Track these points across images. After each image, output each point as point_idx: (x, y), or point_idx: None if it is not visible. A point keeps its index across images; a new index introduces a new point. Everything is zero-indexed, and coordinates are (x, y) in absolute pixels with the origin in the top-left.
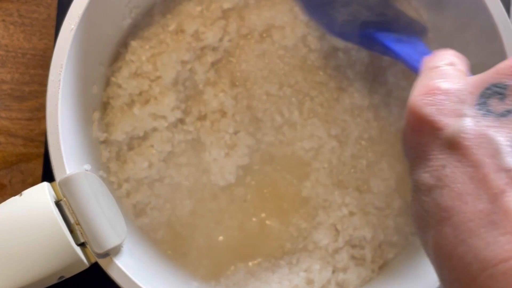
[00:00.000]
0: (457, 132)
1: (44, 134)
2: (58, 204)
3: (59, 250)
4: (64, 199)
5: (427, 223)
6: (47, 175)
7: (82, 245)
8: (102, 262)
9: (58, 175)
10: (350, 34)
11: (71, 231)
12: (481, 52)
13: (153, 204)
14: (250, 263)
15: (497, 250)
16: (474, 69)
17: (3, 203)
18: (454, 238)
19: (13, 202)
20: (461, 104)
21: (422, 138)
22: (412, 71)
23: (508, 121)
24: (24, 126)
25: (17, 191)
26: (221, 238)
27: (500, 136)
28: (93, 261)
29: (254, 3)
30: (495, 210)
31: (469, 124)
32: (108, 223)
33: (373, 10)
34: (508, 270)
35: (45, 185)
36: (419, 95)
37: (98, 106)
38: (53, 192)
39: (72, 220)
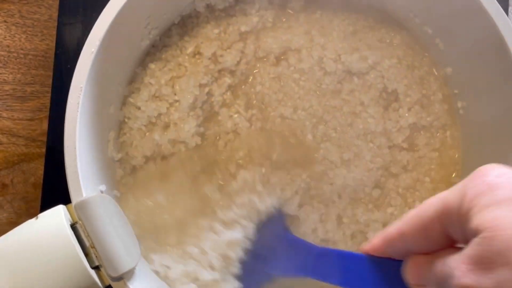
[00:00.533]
0: None
1: (45, 134)
2: (73, 227)
3: (74, 273)
4: (80, 222)
5: None
6: (48, 175)
7: (96, 268)
8: (115, 286)
9: (74, 198)
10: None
11: (86, 254)
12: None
13: None
14: None
15: None
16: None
17: (20, 226)
18: None
19: (29, 225)
20: None
21: None
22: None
23: None
24: (25, 126)
25: (18, 191)
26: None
27: None
28: (107, 284)
29: (271, 26)
30: None
31: None
32: (122, 246)
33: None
34: None
35: (61, 208)
36: None
37: (114, 125)
38: (68, 215)
39: (87, 243)
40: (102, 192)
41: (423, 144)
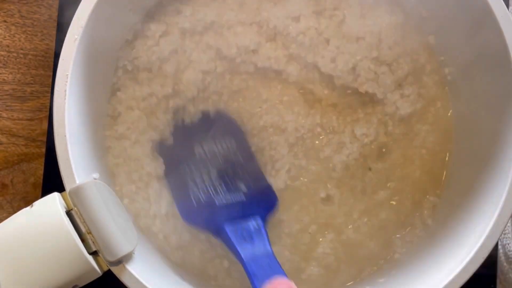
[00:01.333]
0: None
1: (45, 134)
2: (69, 213)
3: (72, 260)
4: (75, 208)
5: None
6: (49, 175)
7: (94, 253)
8: (115, 270)
9: (68, 185)
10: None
11: (83, 240)
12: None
13: None
14: None
15: None
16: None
17: (15, 215)
18: None
19: (25, 213)
20: None
21: None
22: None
23: None
24: (25, 126)
25: (18, 191)
26: None
27: None
28: (105, 269)
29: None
30: None
31: None
32: (119, 231)
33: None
34: None
35: (55, 195)
36: None
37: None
38: (63, 202)
39: (83, 229)
40: (95, 179)
41: (417, 115)
